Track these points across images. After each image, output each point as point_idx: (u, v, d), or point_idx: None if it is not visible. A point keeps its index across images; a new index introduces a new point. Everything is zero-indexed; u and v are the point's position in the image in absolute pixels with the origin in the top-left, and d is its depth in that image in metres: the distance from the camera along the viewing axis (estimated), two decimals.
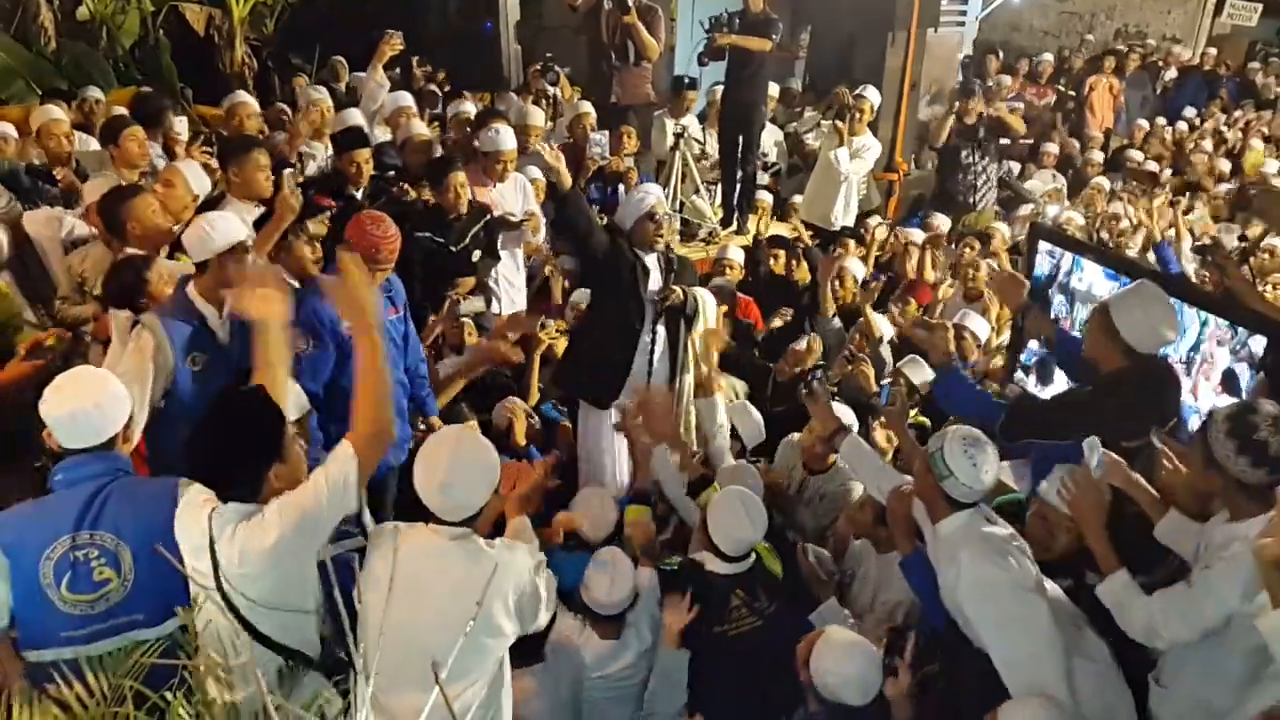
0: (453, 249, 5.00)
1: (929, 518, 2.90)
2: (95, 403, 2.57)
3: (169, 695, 1.95)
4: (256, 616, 2.33)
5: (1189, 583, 2.62)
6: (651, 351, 4.39)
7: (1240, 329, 3.58)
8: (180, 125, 6.16)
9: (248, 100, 6.18)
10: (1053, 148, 9.18)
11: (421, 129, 6.11)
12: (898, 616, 3.51)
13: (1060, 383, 4.23)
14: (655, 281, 4.38)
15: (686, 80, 7.39)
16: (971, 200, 7.67)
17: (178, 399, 3.38)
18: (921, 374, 4.80)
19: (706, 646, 3.16)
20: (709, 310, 4.53)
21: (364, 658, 2.08)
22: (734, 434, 4.31)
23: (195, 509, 2.39)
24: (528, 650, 2.99)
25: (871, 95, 7.23)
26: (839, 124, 7.12)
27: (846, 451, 3.36)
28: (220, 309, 3.51)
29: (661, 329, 4.37)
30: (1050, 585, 2.84)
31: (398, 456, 3.93)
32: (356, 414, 2.48)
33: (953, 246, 7.00)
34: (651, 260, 4.40)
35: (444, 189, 5.03)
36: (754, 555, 3.35)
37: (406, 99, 6.67)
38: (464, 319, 5.04)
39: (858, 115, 7.11)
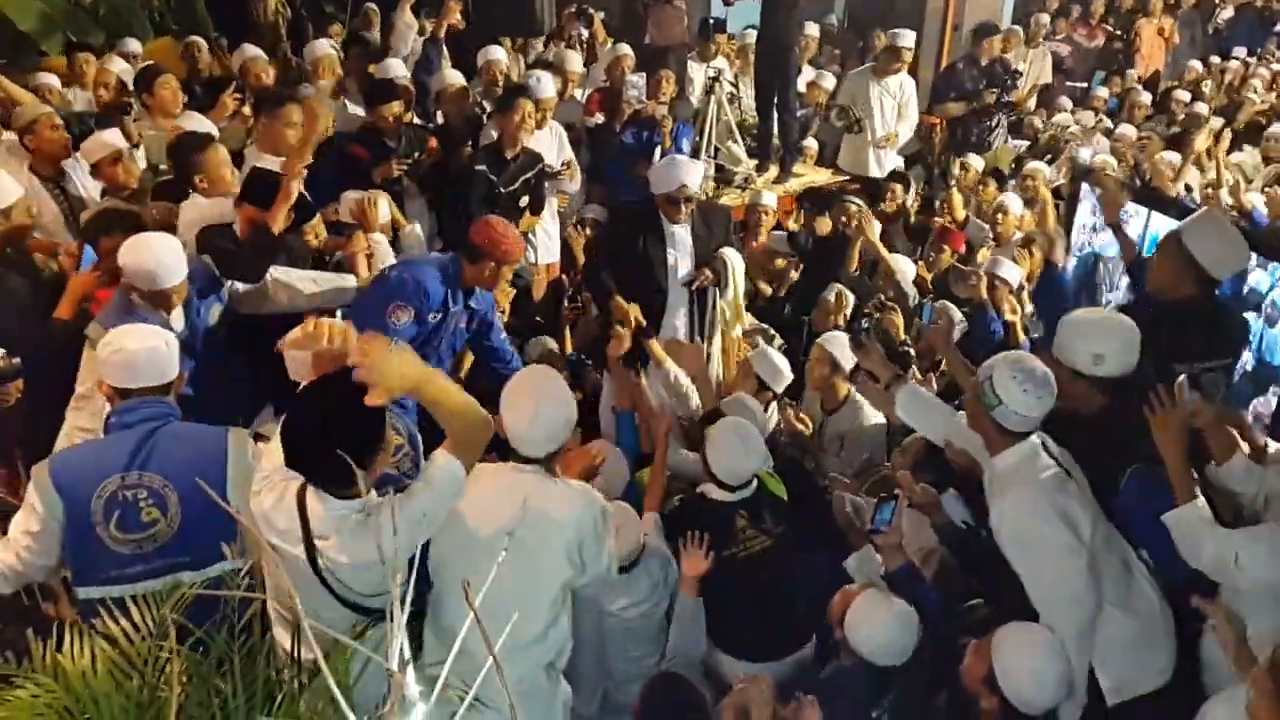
0: (502, 190, 5.01)
1: (986, 450, 2.82)
2: (162, 342, 2.71)
3: (212, 634, 2.00)
4: (355, 598, 2.33)
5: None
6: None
7: None
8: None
9: (258, 55, 6.19)
10: (1103, 92, 8.93)
11: (456, 78, 6.04)
12: (931, 564, 3.50)
13: None
14: (684, 247, 4.44)
15: (713, 22, 7.24)
16: (989, 140, 7.60)
17: None
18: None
19: (718, 571, 3.18)
20: (737, 272, 4.58)
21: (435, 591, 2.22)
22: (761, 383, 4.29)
23: (277, 489, 2.33)
24: None
25: (905, 39, 7.14)
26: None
27: (904, 400, 3.22)
28: (169, 312, 3.31)
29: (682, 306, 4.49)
30: (1105, 528, 2.77)
31: None
32: (452, 438, 2.38)
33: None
34: (681, 226, 4.42)
35: (511, 111, 5.01)
36: (756, 482, 3.39)
37: (397, 68, 6.37)
38: None
39: (896, 63, 7.03)
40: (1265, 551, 2.48)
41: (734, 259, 4.61)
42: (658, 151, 6.09)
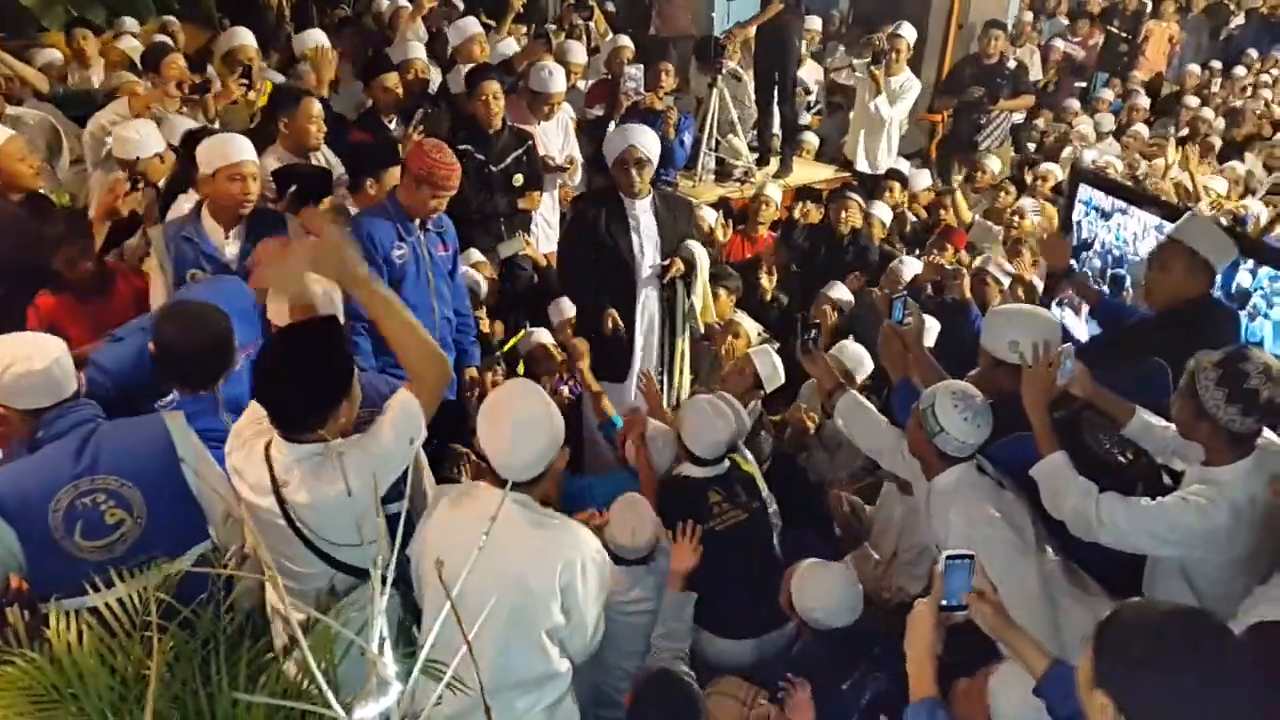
0: (492, 168, 4.96)
1: (923, 474, 2.91)
2: (61, 353, 2.58)
3: (199, 612, 2.00)
4: (328, 547, 2.37)
5: (1155, 499, 2.63)
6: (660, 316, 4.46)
7: None
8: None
9: (245, 44, 5.70)
10: (1108, 94, 8.92)
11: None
12: (923, 561, 3.52)
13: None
14: (649, 231, 4.32)
15: (714, 41, 7.06)
16: (975, 140, 7.54)
17: None
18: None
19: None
20: (703, 266, 4.52)
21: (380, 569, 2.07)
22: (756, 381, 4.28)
23: (247, 445, 2.38)
24: None
25: (907, 33, 7.07)
26: (874, 70, 6.97)
27: (843, 409, 3.30)
28: (227, 230, 3.53)
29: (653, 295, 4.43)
30: (1041, 526, 2.86)
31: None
32: (405, 365, 2.47)
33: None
34: (643, 207, 4.32)
35: (475, 97, 4.95)
36: (729, 462, 3.45)
37: (474, 26, 6.24)
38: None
39: (894, 56, 6.97)
40: (1124, 511, 2.58)
41: (700, 252, 4.53)
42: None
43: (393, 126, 5.27)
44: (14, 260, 3.63)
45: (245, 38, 5.71)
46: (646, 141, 4.24)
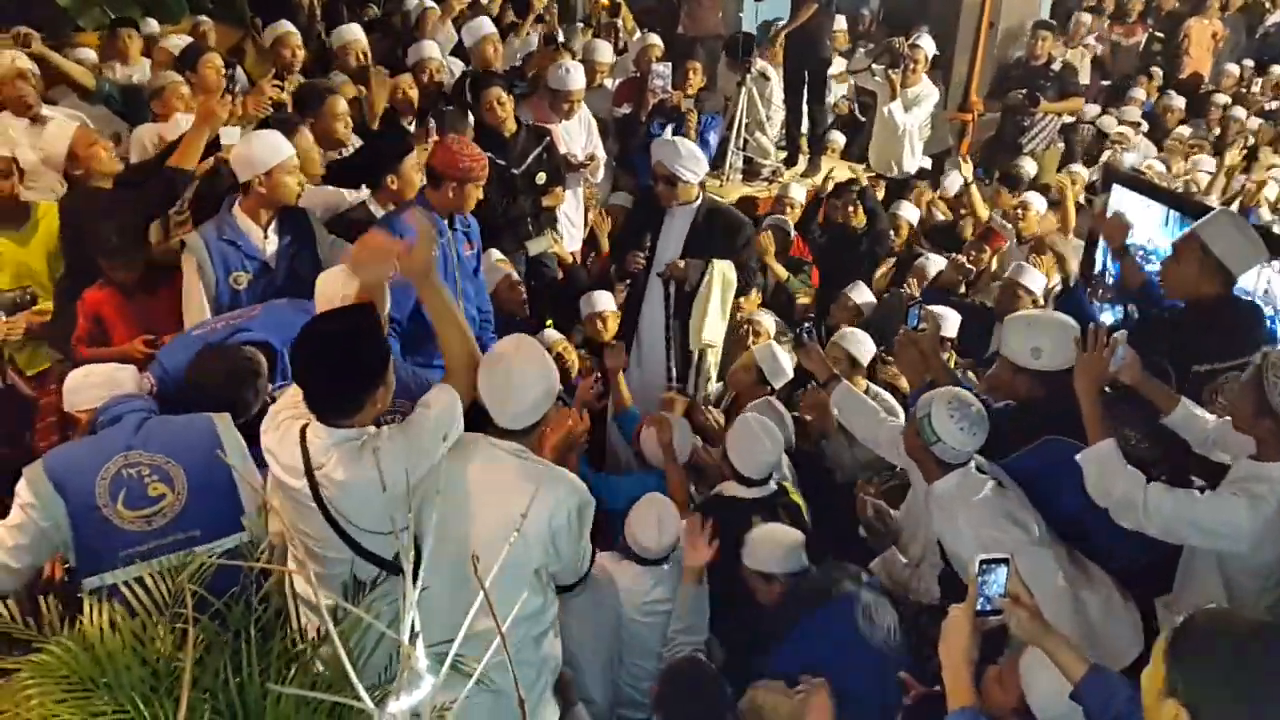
0: (514, 171, 4.97)
1: (922, 477, 2.93)
2: (115, 367, 2.89)
3: (230, 605, 2.02)
4: (357, 533, 2.39)
5: (1204, 491, 2.61)
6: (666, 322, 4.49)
7: None
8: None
9: (291, 30, 5.83)
10: (1139, 93, 8.80)
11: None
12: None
13: None
14: (673, 236, 4.36)
15: (743, 39, 7.02)
16: (1021, 142, 7.44)
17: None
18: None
19: (731, 571, 3.22)
20: (717, 286, 4.39)
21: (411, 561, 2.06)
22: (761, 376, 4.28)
23: (282, 426, 2.41)
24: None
25: (926, 44, 6.98)
26: (891, 75, 6.91)
27: (839, 399, 3.33)
28: (265, 228, 3.56)
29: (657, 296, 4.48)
30: (1044, 523, 2.87)
31: None
32: (448, 359, 2.57)
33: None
34: (677, 214, 4.34)
35: (481, 105, 4.96)
36: (775, 485, 3.44)
37: (488, 26, 6.10)
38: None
39: (912, 66, 6.87)
40: (1171, 502, 2.55)
41: (721, 272, 4.39)
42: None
43: (411, 128, 5.30)
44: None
45: (289, 26, 5.82)
46: (672, 159, 4.29)
